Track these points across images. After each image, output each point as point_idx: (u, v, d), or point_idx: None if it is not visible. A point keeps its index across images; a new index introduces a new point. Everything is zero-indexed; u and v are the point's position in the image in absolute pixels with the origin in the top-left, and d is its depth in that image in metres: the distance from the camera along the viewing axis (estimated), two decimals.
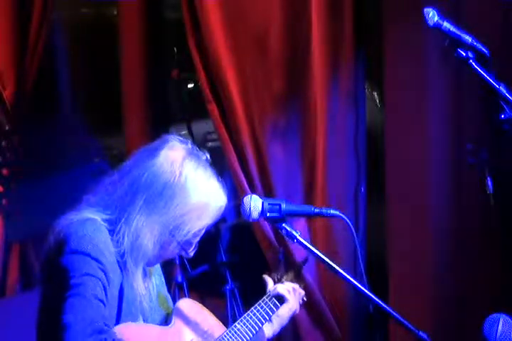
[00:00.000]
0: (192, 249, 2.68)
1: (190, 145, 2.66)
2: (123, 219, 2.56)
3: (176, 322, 2.72)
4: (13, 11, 4.99)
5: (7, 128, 5.06)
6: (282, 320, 2.97)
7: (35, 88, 5.06)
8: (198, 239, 2.67)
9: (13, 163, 5.13)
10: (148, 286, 2.69)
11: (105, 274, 2.49)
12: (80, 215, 2.56)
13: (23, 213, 5.01)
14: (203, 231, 2.66)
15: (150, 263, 2.68)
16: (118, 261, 2.55)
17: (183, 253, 2.67)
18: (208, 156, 2.68)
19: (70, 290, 2.43)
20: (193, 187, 2.58)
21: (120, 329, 2.50)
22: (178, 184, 2.57)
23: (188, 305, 2.80)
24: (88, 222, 2.53)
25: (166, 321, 2.75)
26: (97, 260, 2.48)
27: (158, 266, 2.81)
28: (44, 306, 2.56)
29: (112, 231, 2.56)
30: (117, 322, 2.54)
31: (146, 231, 2.56)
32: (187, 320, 2.73)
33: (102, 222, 2.55)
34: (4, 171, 5.13)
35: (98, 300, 2.44)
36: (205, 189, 2.60)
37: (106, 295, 2.48)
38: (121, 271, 2.56)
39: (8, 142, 5.09)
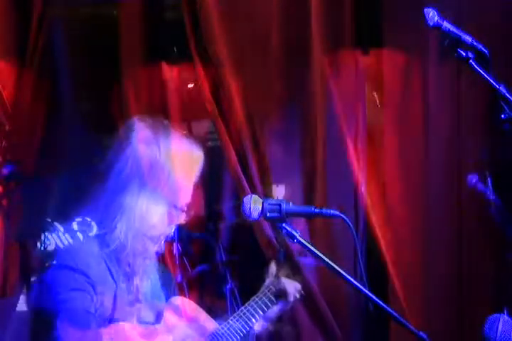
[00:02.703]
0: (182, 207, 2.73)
1: (150, 121, 2.76)
2: (118, 216, 2.59)
3: (166, 320, 2.73)
4: (13, 11, 4.98)
5: (7, 128, 5.06)
6: (271, 316, 3.00)
7: (35, 88, 5.05)
8: (187, 199, 2.74)
9: (13, 163, 5.12)
10: (142, 284, 2.70)
11: (93, 287, 2.50)
12: (67, 227, 2.59)
13: (23, 213, 5.00)
14: (191, 186, 2.73)
15: (152, 239, 2.69)
16: (109, 268, 2.56)
17: (174, 211, 2.71)
18: (168, 121, 2.84)
19: (59, 306, 2.45)
20: (174, 154, 2.69)
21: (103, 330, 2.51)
22: (161, 159, 2.67)
23: (180, 302, 2.80)
24: (75, 234, 2.57)
25: (157, 318, 2.76)
26: (83, 273, 2.50)
27: (153, 263, 2.82)
28: (34, 316, 2.56)
29: (103, 235, 2.57)
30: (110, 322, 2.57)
31: (152, 210, 2.63)
32: (178, 316, 2.74)
33: (90, 231, 2.59)
34: (4, 171, 5.12)
35: (87, 313, 2.46)
36: (182, 149, 2.73)
37: (95, 303, 2.50)
38: (113, 278, 2.57)
39: (8, 142, 5.08)
